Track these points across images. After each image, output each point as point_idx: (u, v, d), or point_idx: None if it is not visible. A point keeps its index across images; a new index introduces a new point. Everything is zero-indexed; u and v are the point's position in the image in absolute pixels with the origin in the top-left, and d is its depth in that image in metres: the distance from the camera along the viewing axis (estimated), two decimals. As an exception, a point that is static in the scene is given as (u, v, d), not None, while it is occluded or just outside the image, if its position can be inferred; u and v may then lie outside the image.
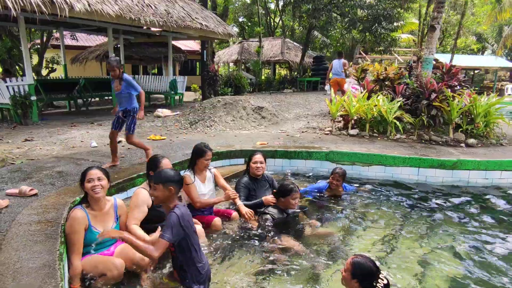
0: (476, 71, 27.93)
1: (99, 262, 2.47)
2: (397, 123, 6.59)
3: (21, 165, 4.44)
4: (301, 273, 2.86)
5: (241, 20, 29.84)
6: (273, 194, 3.64)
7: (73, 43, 16.66)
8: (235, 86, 13.41)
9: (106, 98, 13.13)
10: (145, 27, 10.30)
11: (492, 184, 5.07)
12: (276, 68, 27.67)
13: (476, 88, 21.04)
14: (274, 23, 27.01)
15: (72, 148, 5.60)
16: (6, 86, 7.92)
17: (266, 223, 3.43)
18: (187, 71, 23.27)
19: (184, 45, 20.67)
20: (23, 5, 6.39)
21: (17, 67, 12.95)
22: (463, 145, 6.20)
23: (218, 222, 3.45)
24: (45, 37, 14.10)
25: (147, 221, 2.92)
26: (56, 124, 8.10)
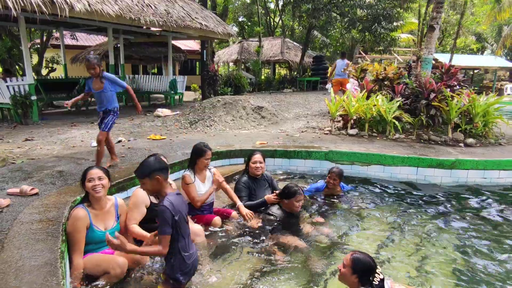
0: (476, 71, 27.96)
1: (102, 261, 2.50)
2: (396, 123, 6.62)
3: (22, 165, 4.46)
4: (301, 271, 2.88)
5: (241, 20, 29.84)
6: (277, 196, 3.63)
7: (73, 43, 16.68)
8: (235, 86, 13.42)
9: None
10: (145, 27, 10.32)
11: (491, 184, 5.10)
12: (276, 68, 27.69)
13: (476, 88, 21.11)
14: (274, 23, 27.03)
15: (73, 148, 5.63)
16: (7, 86, 7.93)
17: (269, 223, 3.45)
18: (187, 71, 23.28)
19: (184, 45, 20.69)
20: (24, 5, 6.41)
21: (17, 67, 12.96)
22: (462, 145, 6.23)
23: (218, 221, 3.48)
24: (45, 37, 14.13)
25: (146, 221, 2.93)
26: (56, 124, 8.12)
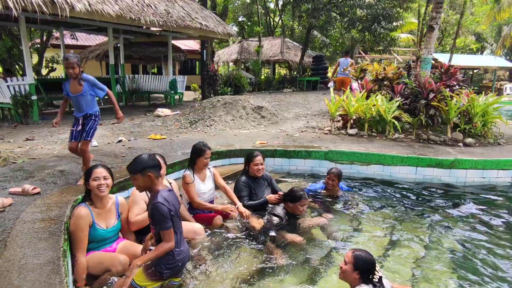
0: (475, 71, 28.02)
1: (104, 259, 2.54)
2: (396, 123, 6.64)
3: (23, 164, 4.48)
4: (301, 271, 2.91)
5: (241, 20, 29.85)
6: (282, 198, 3.64)
7: (73, 43, 16.67)
8: (235, 86, 13.43)
9: (106, 98, 13.14)
10: (145, 27, 10.33)
11: (489, 183, 5.13)
12: (276, 68, 27.71)
13: (475, 88, 21.17)
14: (274, 23, 27.06)
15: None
16: (7, 86, 7.95)
17: (273, 223, 3.47)
18: (187, 71, 23.28)
19: (184, 45, 20.70)
20: (24, 5, 6.42)
21: (17, 67, 12.98)
22: (461, 145, 6.26)
23: (219, 221, 3.51)
24: (45, 37, 14.13)
25: (143, 233, 2.96)
26: (57, 124, 8.13)
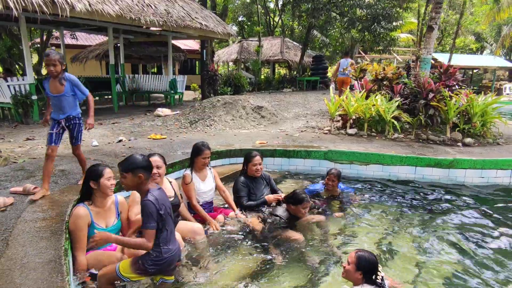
0: (475, 71, 28.05)
1: (104, 257, 2.55)
2: (395, 123, 6.66)
3: (24, 164, 4.50)
4: (302, 270, 2.93)
5: (241, 20, 29.88)
6: (284, 200, 3.64)
7: (73, 42, 16.70)
8: (235, 86, 13.44)
9: (106, 98, 13.18)
10: (145, 27, 10.34)
11: (488, 183, 5.15)
12: (276, 68, 27.74)
13: (475, 88, 21.23)
14: (274, 23, 27.07)
15: (74, 147, 5.66)
16: (7, 85, 7.96)
17: (273, 223, 3.48)
18: (187, 70, 23.30)
19: (184, 44, 20.71)
20: (25, 5, 6.43)
21: (17, 66, 12.99)
22: (460, 144, 6.28)
23: (221, 219, 3.52)
24: (45, 36, 14.15)
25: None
26: (57, 123, 8.14)
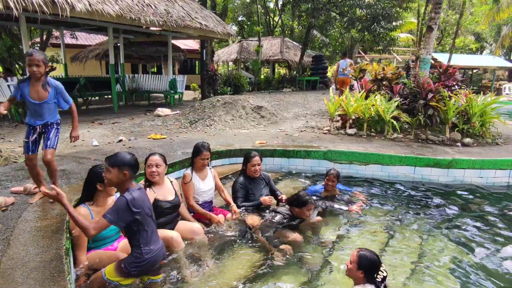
0: (475, 71, 28.07)
1: (105, 257, 2.57)
2: (395, 123, 6.68)
3: (24, 164, 4.50)
4: (301, 270, 2.94)
5: (240, 19, 29.89)
6: (288, 203, 3.64)
7: (73, 42, 16.71)
8: (235, 85, 13.46)
9: (106, 97, 13.20)
10: (145, 27, 10.35)
11: (487, 183, 5.17)
12: (275, 67, 27.74)
13: (475, 88, 21.22)
14: (274, 22, 27.08)
15: (74, 147, 5.67)
16: (7, 85, 7.98)
17: (274, 220, 3.49)
18: (187, 70, 23.31)
19: (184, 44, 20.72)
20: (25, 5, 6.45)
21: (17, 66, 13.00)
22: (459, 145, 6.29)
23: (222, 219, 3.53)
24: (45, 36, 14.16)
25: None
26: (57, 123, 8.15)
